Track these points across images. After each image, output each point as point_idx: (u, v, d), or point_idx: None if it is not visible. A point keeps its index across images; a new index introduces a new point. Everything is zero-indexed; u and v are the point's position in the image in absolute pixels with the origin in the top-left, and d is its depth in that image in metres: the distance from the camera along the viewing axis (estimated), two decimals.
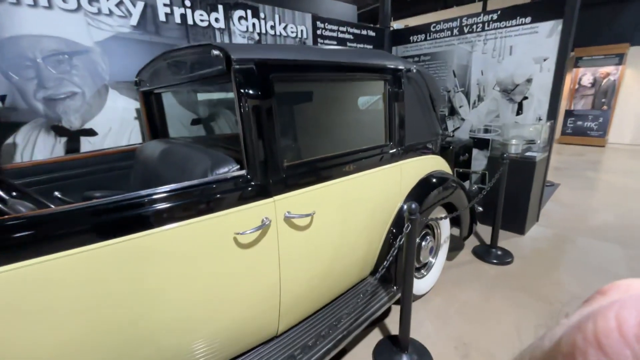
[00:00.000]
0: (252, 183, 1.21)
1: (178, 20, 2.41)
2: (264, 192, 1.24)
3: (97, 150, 2.06)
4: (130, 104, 2.31)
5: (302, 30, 3.26)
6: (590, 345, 0.12)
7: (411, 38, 4.12)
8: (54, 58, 1.98)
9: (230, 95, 2.60)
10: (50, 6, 1.91)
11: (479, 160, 3.75)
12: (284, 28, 3.10)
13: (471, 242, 3.02)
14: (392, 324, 2.05)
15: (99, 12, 2.08)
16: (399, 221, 1.88)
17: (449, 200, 2.21)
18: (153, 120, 2.20)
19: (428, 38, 3.94)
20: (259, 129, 1.19)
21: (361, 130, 2.10)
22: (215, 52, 1.11)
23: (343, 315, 1.60)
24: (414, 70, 1.92)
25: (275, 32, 3.03)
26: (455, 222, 2.48)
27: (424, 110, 2.08)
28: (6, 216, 0.84)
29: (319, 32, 3.43)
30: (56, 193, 1.80)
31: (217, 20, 2.62)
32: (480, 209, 2.95)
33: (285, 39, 3.14)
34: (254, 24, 2.86)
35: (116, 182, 2.04)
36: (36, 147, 1.99)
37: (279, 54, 1.23)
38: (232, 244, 1.17)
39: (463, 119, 3.87)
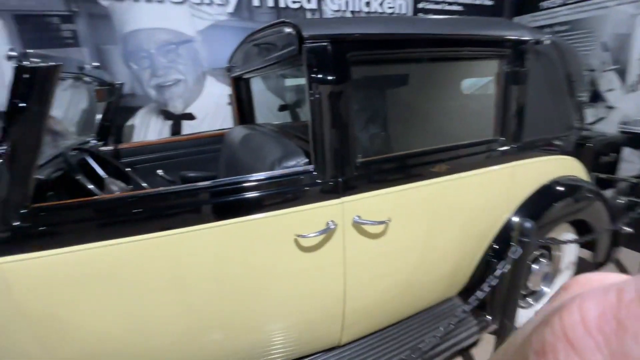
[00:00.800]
0: (319, 180, 1.06)
1: (271, 3, 2.39)
2: (331, 191, 1.08)
3: (193, 134, 2.22)
4: (224, 90, 2.42)
5: (400, 5, 2.90)
6: (558, 339, 0.13)
7: (541, 4, 3.28)
8: (164, 48, 2.18)
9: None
10: (161, 0, 2.09)
11: (631, 164, 2.81)
12: (380, 4, 2.80)
13: (607, 270, 2.30)
14: (481, 356, 1.69)
15: (201, 2, 2.20)
16: (503, 238, 1.49)
17: (581, 217, 1.67)
18: (242, 105, 2.26)
19: (568, 1, 3.07)
20: (330, 118, 1.02)
21: (461, 120, 1.72)
22: (287, 29, 0.98)
23: (419, 338, 1.36)
24: (547, 42, 1.44)
25: (370, 8, 2.77)
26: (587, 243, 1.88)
27: (556, 95, 1.57)
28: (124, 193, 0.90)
29: (420, 5, 3.01)
30: (159, 171, 2.02)
31: (308, 0, 2.51)
32: (630, 230, 2.19)
33: (382, 16, 2.85)
34: (347, 2, 2.66)
35: (207, 164, 2.18)
36: (149, 128, 2.26)
37: (361, 28, 1.02)
38: (293, 246, 1.06)
39: (611, 107, 2.94)
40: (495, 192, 1.45)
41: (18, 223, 0.82)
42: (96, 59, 2.01)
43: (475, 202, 1.41)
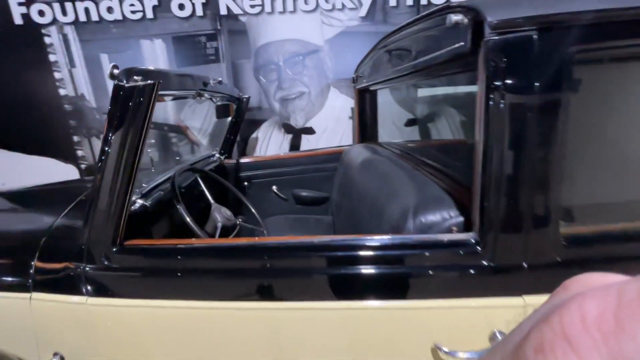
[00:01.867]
0: (485, 262, 0.64)
1: (410, 1, 2.03)
2: (507, 283, 0.64)
3: (310, 150, 2.07)
4: (347, 103, 2.20)
5: None
6: (557, 336, 0.13)
7: None
8: (292, 60, 2.10)
9: (468, 89, 1.98)
10: (294, 10, 2.01)
11: None
12: None
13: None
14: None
15: (333, 8, 2.02)
16: None
17: None
18: (364, 120, 1.98)
19: None
20: (522, 150, 0.59)
21: None
22: (456, 17, 0.60)
23: None
24: None
25: None
26: None
27: None
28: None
29: None
30: (274, 187, 1.94)
31: None
32: None
33: None
34: None
35: (322, 183, 1.99)
36: (270, 142, 2.23)
37: (601, 3, 0.56)
38: (428, 354, 0.68)
39: None
40: None
41: (106, 262, 0.73)
42: (231, 74, 2.08)
43: None
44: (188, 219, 0.87)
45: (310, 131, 2.22)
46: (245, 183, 1.90)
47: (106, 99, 2.22)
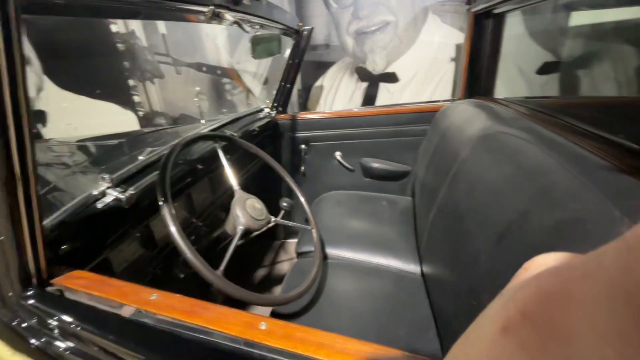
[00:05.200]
0: None
1: None
2: None
3: (387, 106, 1.54)
4: (449, 39, 1.53)
5: None
6: (519, 313, 0.13)
7: None
8: None
9: None
10: None
11: None
12: None
13: None
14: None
15: None
16: None
17: None
18: (476, 64, 1.34)
19: None
20: None
21: None
22: None
23: None
24: None
25: None
26: None
27: None
28: None
29: None
30: (337, 154, 1.52)
31: None
32: None
33: None
34: None
35: (401, 151, 1.49)
36: (338, 92, 1.75)
37: None
38: None
39: None
40: None
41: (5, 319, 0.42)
42: None
43: None
44: (176, 235, 0.51)
45: (392, 78, 1.66)
46: (303, 146, 1.51)
47: (156, 35, 1.96)
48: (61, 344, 0.37)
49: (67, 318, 0.38)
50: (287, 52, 1.37)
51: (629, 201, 0.43)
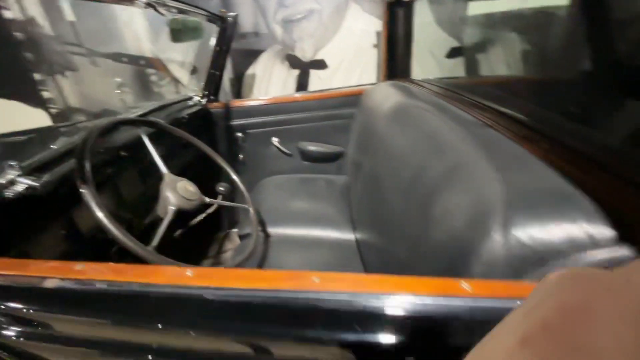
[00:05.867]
0: None
1: None
2: None
3: (318, 91, 1.61)
4: (370, 26, 1.65)
5: None
6: (540, 325, 0.13)
7: None
8: None
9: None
10: None
11: None
12: None
13: None
14: None
15: None
16: None
17: None
18: (393, 49, 1.47)
19: None
20: None
21: None
22: None
23: None
24: None
25: None
26: None
27: None
28: None
29: None
30: (274, 139, 1.55)
31: None
32: None
33: None
34: None
35: (336, 134, 1.58)
36: (271, 79, 1.77)
37: None
38: None
39: None
40: None
41: None
42: None
43: None
44: (97, 213, 0.51)
45: (321, 65, 1.73)
46: (240, 134, 1.52)
47: (63, 23, 1.78)
48: None
49: None
50: (213, 40, 1.36)
51: (495, 149, 0.55)
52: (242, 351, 0.36)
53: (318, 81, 1.77)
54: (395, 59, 1.47)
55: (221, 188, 0.95)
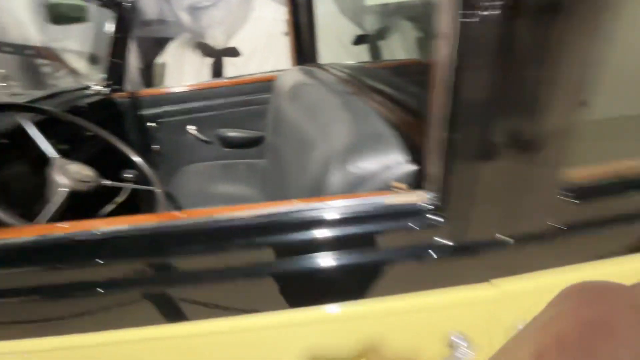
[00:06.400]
0: (448, 241, 0.39)
1: None
2: (470, 264, 0.41)
3: (235, 78, 1.64)
4: (280, 14, 1.71)
5: None
6: (555, 340, 0.13)
7: None
8: None
9: None
10: None
11: None
12: None
13: None
14: None
15: None
16: None
17: None
18: (301, 36, 1.56)
19: None
20: (503, 68, 0.31)
21: None
22: None
23: None
24: None
25: None
26: None
27: None
28: None
29: None
30: (190, 127, 1.54)
31: None
32: None
33: None
34: None
35: (254, 119, 1.62)
36: (184, 69, 1.74)
37: None
38: None
39: None
40: None
41: None
42: None
43: None
44: None
45: (234, 52, 1.75)
46: (152, 124, 1.48)
47: None
48: None
49: None
50: (111, 27, 1.30)
51: (354, 112, 0.66)
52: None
53: (233, 68, 1.79)
54: (302, 45, 1.56)
55: (127, 175, 0.94)
